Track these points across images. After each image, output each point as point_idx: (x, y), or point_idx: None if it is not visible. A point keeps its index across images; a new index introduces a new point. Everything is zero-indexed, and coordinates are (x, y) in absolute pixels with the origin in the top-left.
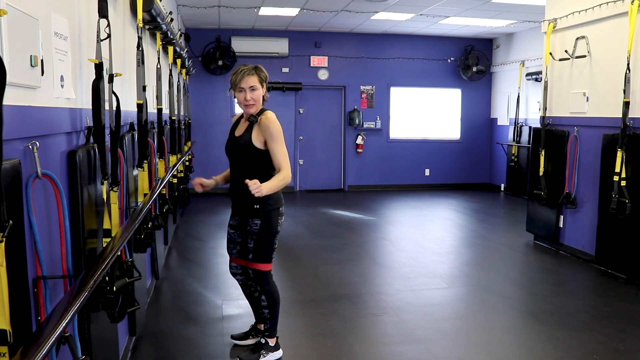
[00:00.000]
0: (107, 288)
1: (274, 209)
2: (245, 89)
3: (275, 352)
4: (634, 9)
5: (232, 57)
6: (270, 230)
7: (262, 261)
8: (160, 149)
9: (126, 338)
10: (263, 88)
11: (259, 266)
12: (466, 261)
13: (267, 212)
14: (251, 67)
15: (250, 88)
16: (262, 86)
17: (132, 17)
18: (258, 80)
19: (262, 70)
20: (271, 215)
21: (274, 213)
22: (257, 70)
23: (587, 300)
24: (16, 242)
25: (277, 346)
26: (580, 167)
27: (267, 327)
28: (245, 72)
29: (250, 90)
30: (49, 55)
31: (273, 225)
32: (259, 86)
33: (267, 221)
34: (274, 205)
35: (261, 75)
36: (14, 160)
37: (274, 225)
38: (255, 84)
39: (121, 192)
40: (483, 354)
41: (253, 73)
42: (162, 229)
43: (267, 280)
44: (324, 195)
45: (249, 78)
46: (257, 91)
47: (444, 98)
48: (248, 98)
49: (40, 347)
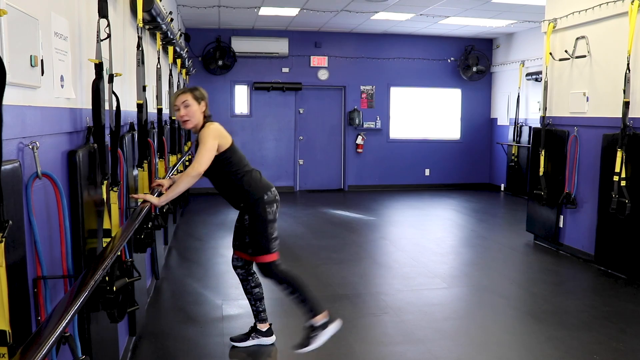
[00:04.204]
0: (107, 288)
1: (257, 198)
2: (179, 106)
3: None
4: (634, 9)
5: (232, 57)
6: (260, 220)
7: (262, 253)
8: (160, 149)
9: (126, 338)
10: (200, 105)
11: (261, 259)
12: (466, 261)
13: (251, 205)
14: (187, 88)
15: (182, 104)
16: (199, 103)
17: (132, 17)
18: (191, 97)
19: (197, 89)
20: (257, 206)
21: (259, 202)
22: (191, 90)
23: (587, 300)
24: (16, 242)
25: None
26: (580, 167)
27: (307, 309)
28: (179, 92)
29: (183, 107)
30: (49, 55)
31: (262, 214)
32: (193, 102)
33: (254, 213)
34: (257, 195)
35: (195, 94)
36: (14, 161)
37: (263, 214)
38: (187, 100)
39: (121, 192)
40: (483, 354)
41: (186, 92)
42: (162, 229)
43: (273, 271)
44: (324, 195)
45: (181, 96)
46: (191, 107)
47: (444, 98)
48: (182, 114)
49: (40, 347)
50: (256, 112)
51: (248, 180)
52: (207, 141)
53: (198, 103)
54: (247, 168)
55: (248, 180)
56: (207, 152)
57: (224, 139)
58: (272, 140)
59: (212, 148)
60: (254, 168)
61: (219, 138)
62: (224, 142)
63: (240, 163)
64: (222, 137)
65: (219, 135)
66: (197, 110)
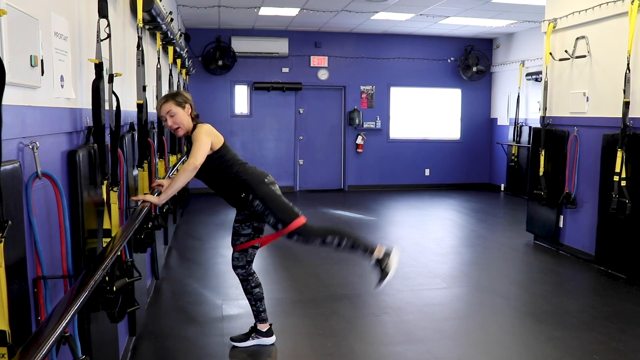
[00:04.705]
0: (107, 288)
1: (259, 183)
2: (165, 117)
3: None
4: (634, 9)
5: (232, 57)
6: (272, 196)
7: (292, 219)
8: (160, 149)
9: (126, 338)
10: (185, 109)
11: (294, 225)
12: (466, 261)
13: (254, 190)
14: (167, 95)
15: (168, 114)
16: (183, 107)
17: (132, 17)
18: (174, 104)
19: (178, 94)
20: (261, 188)
21: (261, 185)
22: (172, 97)
23: (587, 300)
24: (16, 242)
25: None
26: (580, 167)
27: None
28: (161, 102)
29: (169, 117)
30: (49, 55)
31: (269, 192)
32: (177, 109)
33: (262, 193)
34: (257, 180)
35: (177, 99)
36: (14, 161)
37: (269, 192)
38: (171, 109)
39: (121, 192)
40: (483, 354)
41: (168, 100)
42: (162, 229)
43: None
44: (324, 195)
45: (164, 106)
46: (177, 115)
47: (444, 98)
48: (170, 124)
49: (40, 347)
50: (256, 112)
51: (244, 171)
52: (200, 137)
53: (182, 108)
54: (240, 162)
55: (244, 170)
56: (202, 146)
57: (216, 138)
58: (272, 140)
59: (206, 143)
60: (247, 162)
61: (211, 136)
62: (217, 140)
63: (233, 159)
64: (214, 136)
65: (211, 134)
66: (184, 115)
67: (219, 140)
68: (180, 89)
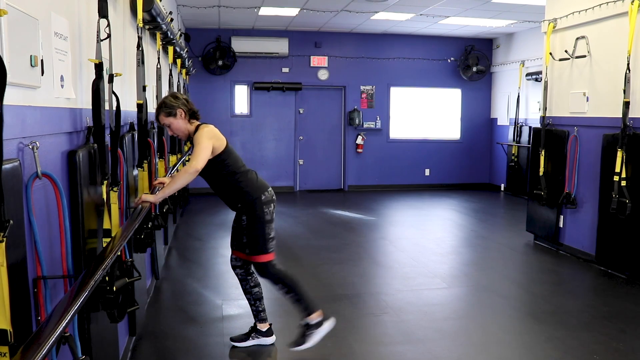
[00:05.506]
0: (107, 288)
1: (255, 199)
2: (164, 126)
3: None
4: (634, 9)
5: (232, 57)
6: (257, 220)
7: (258, 253)
8: (160, 149)
9: (126, 338)
10: (177, 116)
11: (257, 259)
12: (466, 261)
13: (249, 204)
14: (157, 107)
15: (164, 125)
16: (174, 116)
17: (132, 17)
18: (164, 116)
19: (164, 104)
20: (255, 206)
21: (257, 202)
22: (160, 109)
23: (587, 300)
24: (16, 242)
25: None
26: (580, 167)
27: (303, 308)
28: (155, 113)
29: (166, 127)
30: (49, 55)
31: (259, 214)
32: (169, 120)
33: (252, 213)
34: (254, 195)
35: (165, 110)
36: (14, 161)
37: (260, 214)
38: (165, 121)
39: (121, 192)
40: (483, 354)
41: (159, 114)
42: (162, 229)
43: (269, 271)
44: (324, 195)
45: (159, 118)
46: (172, 125)
47: (444, 98)
48: (170, 133)
49: (41, 347)
50: (256, 112)
51: (245, 181)
52: (202, 141)
53: (174, 116)
54: (243, 169)
55: (245, 181)
56: (203, 150)
57: (219, 141)
58: (272, 140)
59: (207, 147)
60: (250, 169)
61: (213, 139)
62: (219, 144)
63: (236, 164)
64: (216, 139)
65: (213, 137)
66: (178, 122)
67: (221, 143)
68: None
